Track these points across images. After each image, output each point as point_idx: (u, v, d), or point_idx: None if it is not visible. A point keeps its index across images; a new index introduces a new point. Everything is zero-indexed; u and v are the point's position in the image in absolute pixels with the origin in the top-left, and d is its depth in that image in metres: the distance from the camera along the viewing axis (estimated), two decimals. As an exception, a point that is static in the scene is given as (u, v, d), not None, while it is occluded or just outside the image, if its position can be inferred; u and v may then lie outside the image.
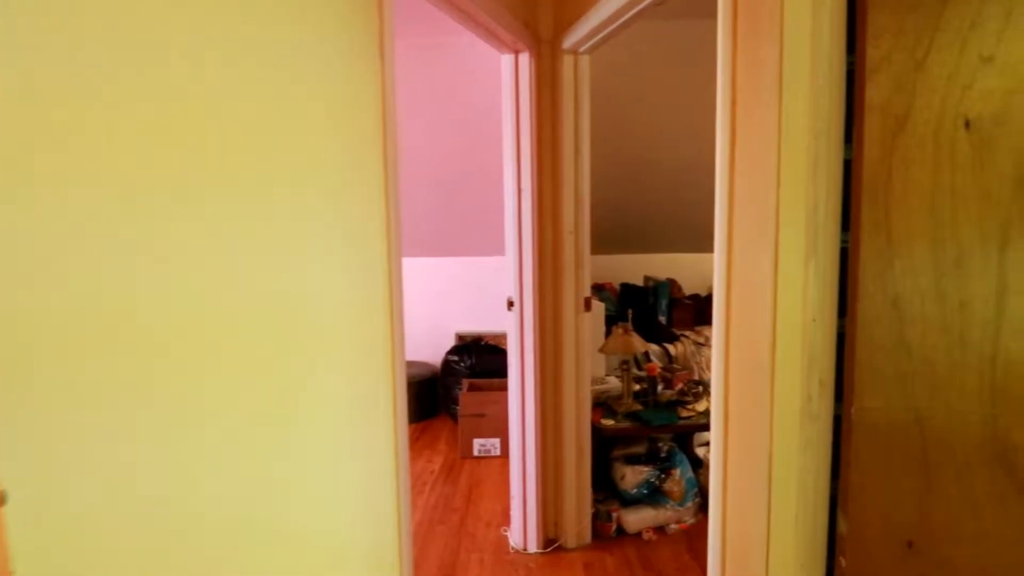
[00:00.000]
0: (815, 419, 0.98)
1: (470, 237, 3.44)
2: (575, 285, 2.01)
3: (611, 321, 2.68)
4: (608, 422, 2.22)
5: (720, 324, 1.19)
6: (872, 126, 0.92)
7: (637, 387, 2.48)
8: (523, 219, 1.94)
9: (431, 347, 3.64)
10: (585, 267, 2.05)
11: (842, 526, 1.01)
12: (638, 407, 2.32)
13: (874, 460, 0.97)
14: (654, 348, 2.90)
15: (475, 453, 2.83)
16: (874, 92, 0.91)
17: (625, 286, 3.63)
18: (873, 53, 0.91)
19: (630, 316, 2.37)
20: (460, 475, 2.65)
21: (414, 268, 3.69)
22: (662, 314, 3.49)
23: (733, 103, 1.16)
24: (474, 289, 3.65)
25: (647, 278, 3.74)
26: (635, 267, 3.87)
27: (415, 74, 2.76)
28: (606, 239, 3.74)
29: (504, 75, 1.93)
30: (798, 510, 1.02)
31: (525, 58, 1.87)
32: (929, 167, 0.92)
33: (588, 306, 2.04)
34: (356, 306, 1.05)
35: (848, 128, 0.96)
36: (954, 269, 0.93)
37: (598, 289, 3.47)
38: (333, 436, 1.00)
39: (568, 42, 1.84)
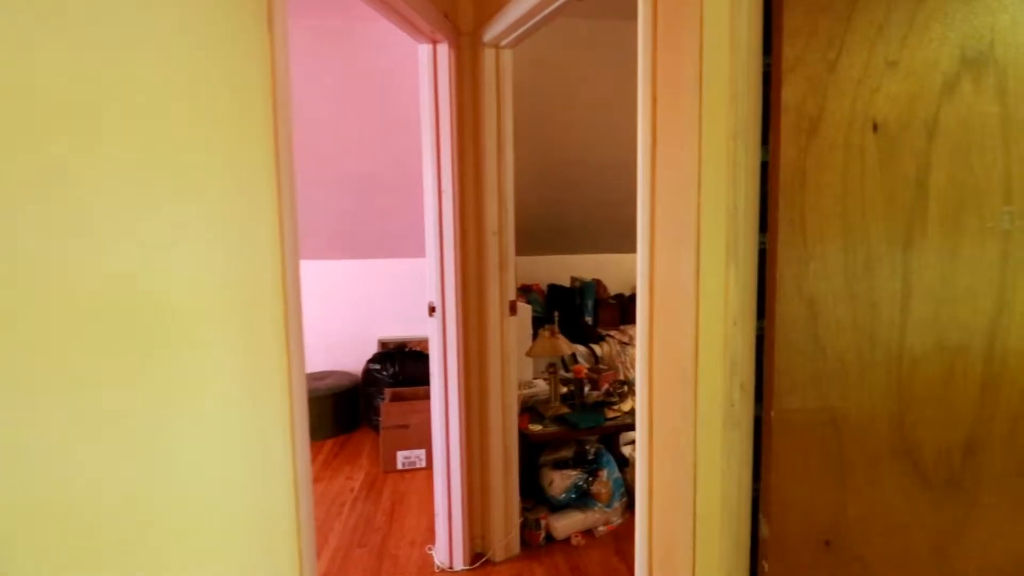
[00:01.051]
0: (737, 425, 0.97)
1: (393, 238, 3.28)
2: (500, 288, 1.94)
3: (538, 323, 2.64)
4: (536, 427, 2.17)
5: (643, 329, 1.16)
6: (788, 127, 0.91)
7: (565, 389, 2.45)
8: (444, 219, 1.84)
9: (354, 355, 3.45)
10: (510, 269, 1.98)
11: (764, 530, 1.00)
12: (566, 410, 2.29)
13: (793, 462, 0.96)
14: (580, 349, 2.90)
15: (399, 466, 2.69)
16: (789, 93, 0.91)
17: (552, 287, 3.62)
18: (788, 52, 0.90)
19: (556, 318, 2.34)
20: (383, 491, 2.50)
21: (333, 272, 3.48)
22: (588, 314, 3.51)
23: (653, 102, 1.13)
24: (398, 293, 3.49)
25: (574, 279, 3.76)
26: (562, 268, 3.87)
27: (332, 64, 2.58)
28: (533, 240, 3.72)
29: (422, 67, 1.83)
30: (722, 515, 1.00)
31: (444, 49, 1.77)
32: (840, 169, 0.92)
33: (513, 309, 1.97)
34: (237, 312, 0.91)
35: (765, 130, 0.95)
36: (864, 270, 0.95)
37: (525, 291, 3.44)
38: (207, 479, 0.86)
39: (489, 35, 1.77)
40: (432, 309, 1.87)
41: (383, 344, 3.41)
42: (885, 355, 0.96)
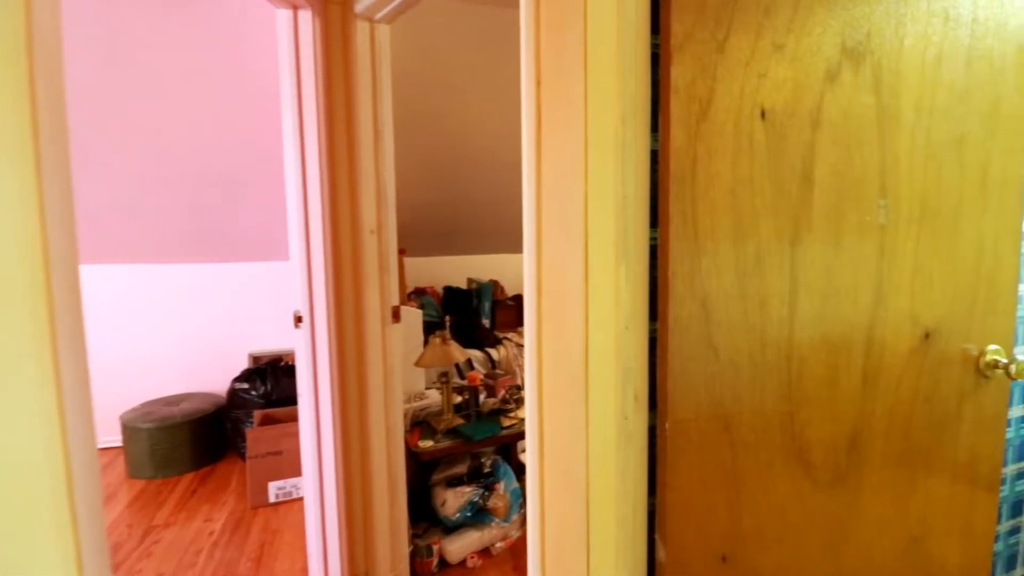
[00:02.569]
0: (631, 439, 0.87)
1: (266, 238, 2.91)
2: (380, 293, 1.73)
3: (432, 328, 2.46)
4: (426, 443, 1.98)
5: (532, 336, 1.03)
6: (678, 111, 0.83)
7: (459, 399, 2.29)
8: (310, 214, 1.60)
9: (219, 373, 3.01)
10: (392, 272, 1.78)
11: (660, 553, 0.91)
12: (460, 421, 2.13)
13: (689, 476, 0.89)
14: (476, 354, 2.76)
15: (272, 499, 2.36)
16: (679, 73, 0.82)
17: (448, 289, 3.45)
18: (677, 29, 0.82)
19: (448, 324, 2.17)
20: (250, 530, 2.16)
21: (191, 278, 3.01)
22: (486, 317, 3.38)
23: (537, 85, 1.00)
24: (272, 300, 3.11)
25: (471, 280, 3.62)
26: (459, 269, 3.72)
27: (174, 32, 2.19)
28: (427, 240, 3.52)
29: (281, 36, 1.57)
30: (618, 542, 0.89)
31: (306, 17, 1.54)
32: (730, 158, 0.86)
33: (397, 316, 1.77)
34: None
35: (655, 116, 0.86)
36: (755, 266, 0.89)
37: (419, 293, 3.23)
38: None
39: (362, 4, 1.56)
40: (298, 319, 1.62)
41: (255, 359, 3.01)
42: (775, 355, 0.92)
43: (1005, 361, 1.08)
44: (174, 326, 2.98)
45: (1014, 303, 1.13)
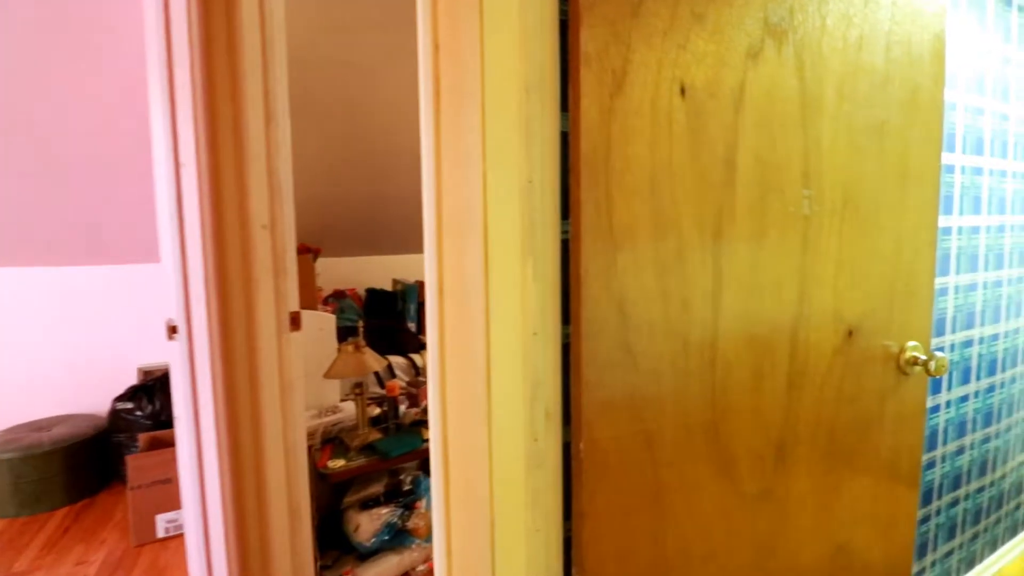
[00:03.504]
0: (542, 463, 0.75)
1: (147, 236, 2.57)
2: (275, 297, 1.52)
3: (353, 334, 2.25)
4: (337, 463, 1.79)
5: (434, 346, 0.89)
6: (589, 83, 0.71)
7: (377, 411, 2.11)
8: (185, 208, 1.37)
9: (102, 391, 2.63)
10: (290, 273, 1.57)
11: (579, 589, 0.80)
12: (377, 436, 1.95)
13: (608, 501, 0.78)
14: (400, 361, 2.58)
15: (160, 533, 2.06)
16: (589, 38, 0.71)
17: (371, 292, 3.23)
18: (585, -13, 0.71)
19: (361, 329, 1.98)
20: (132, 572, 1.87)
21: (65, 283, 2.62)
22: (411, 320, 3.20)
23: (435, 49, 0.87)
24: (161, 308, 2.76)
25: (396, 281, 3.41)
26: (383, 270, 3.50)
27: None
28: (348, 239, 3.28)
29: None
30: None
31: (176, -23, 1.31)
32: (648, 140, 0.76)
33: (297, 323, 1.57)
34: None
35: (565, 92, 0.75)
36: (676, 262, 0.80)
37: (338, 296, 3.00)
38: None
39: (245, -32, 1.35)
40: (172, 330, 1.39)
41: (146, 374, 2.67)
42: (699, 360, 0.83)
43: (924, 358, 1.05)
44: (46, 339, 2.57)
45: (931, 298, 1.11)
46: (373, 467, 1.85)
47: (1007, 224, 1.81)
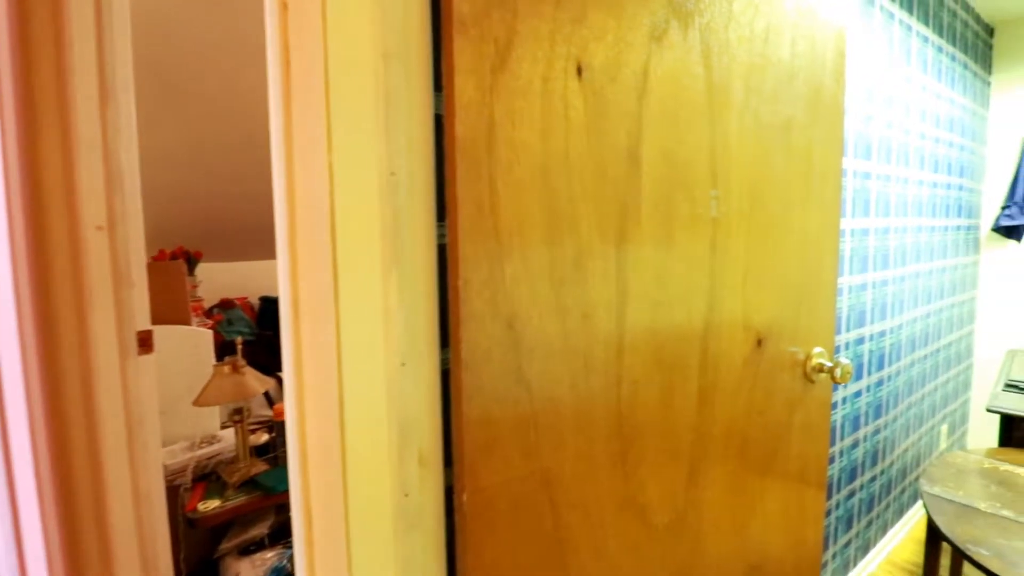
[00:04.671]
0: (417, 523, 0.60)
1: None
2: (117, 314, 1.25)
3: (228, 351, 1.97)
4: (210, 505, 1.54)
5: (290, 380, 0.72)
6: (466, 53, 0.58)
7: (265, 438, 1.86)
8: (-16, 202, 1.09)
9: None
10: (137, 283, 1.30)
11: (469, 663, 0.66)
12: (262, 467, 1.71)
13: (500, 559, 0.65)
14: (297, 376, 2.33)
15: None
16: (464, -1, 0.58)
17: (266, 300, 2.92)
18: (459, -66, 0.58)
19: (240, 347, 1.73)
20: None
21: None
22: (315, 330, 2.92)
23: (283, 7, 0.69)
24: None
25: (297, 288, 3.11)
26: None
27: None
28: (238, 241, 2.95)
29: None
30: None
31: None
32: (540, 126, 0.64)
33: (148, 344, 1.31)
34: None
35: (439, 63, 0.61)
36: (575, 271, 0.68)
37: (225, 307, 2.67)
38: None
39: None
40: (-33, 356, 1.10)
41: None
42: (603, 382, 0.73)
43: (830, 364, 1.03)
44: None
45: (835, 302, 1.09)
46: (255, 505, 1.61)
47: (891, 226, 1.91)
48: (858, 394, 1.81)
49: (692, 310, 0.82)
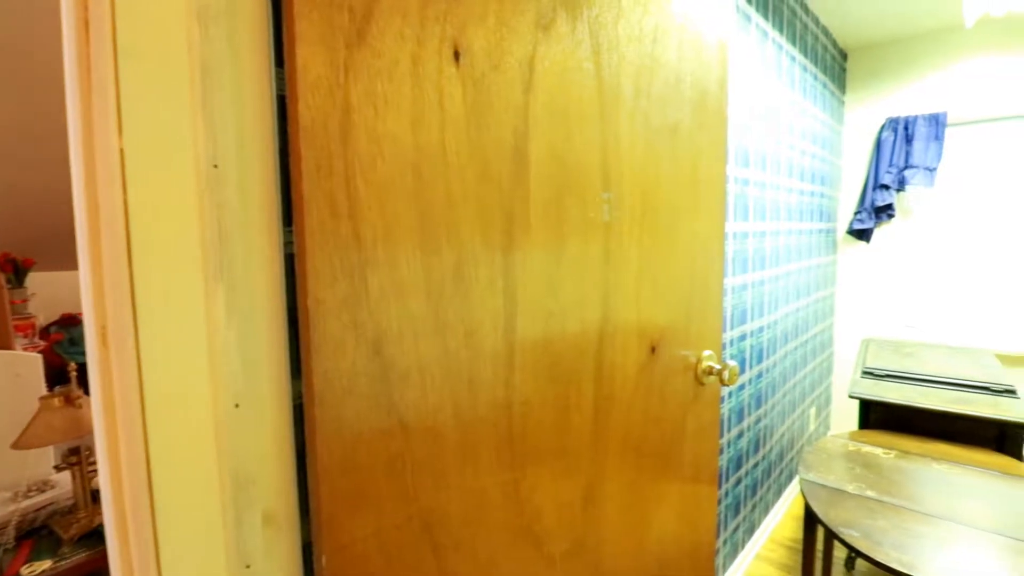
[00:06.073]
0: (260, 600, 0.49)
1: None
2: None
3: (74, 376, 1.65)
4: (40, 567, 1.26)
5: (99, 422, 0.56)
6: (310, 20, 0.48)
7: (114, 474, 1.58)
8: None
9: None
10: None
11: None
12: (109, 511, 1.44)
13: (374, 622, 0.55)
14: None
15: None
16: (310, -45, 0.47)
17: (124, 311, 2.52)
18: None
19: (73, 374, 1.44)
20: None
21: None
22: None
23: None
24: None
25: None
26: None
27: None
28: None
29: None
30: None
31: None
32: (410, 115, 0.55)
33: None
34: None
35: (279, 32, 0.50)
36: (456, 282, 0.60)
37: (67, 324, 2.26)
38: None
39: None
40: None
41: None
42: (492, 406, 0.65)
43: (719, 367, 1.04)
44: None
45: (721, 304, 1.11)
46: (98, 563, 1.35)
47: (767, 230, 2.04)
48: (742, 387, 1.91)
49: (587, 319, 0.77)
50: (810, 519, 1.39)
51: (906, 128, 2.70)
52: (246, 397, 0.47)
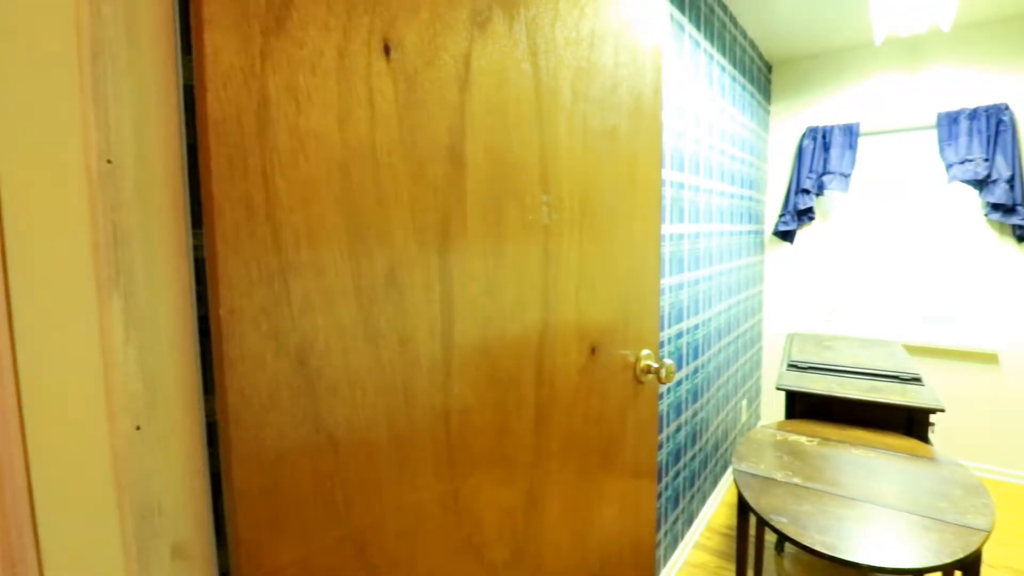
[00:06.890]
0: (169, 642, 0.44)
1: None
2: None
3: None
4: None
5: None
6: (221, 3, 0.44)
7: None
8: None
9: None
10: None
11: None
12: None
13: (302, 652, 0.51)
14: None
15: None
16: (220, -67, 0.43)
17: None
18: None
19: None
20: None
21: None
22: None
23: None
24: None
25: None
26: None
27: None
28: None
29: None
30: None
31: None
32: (336, 110, 0.52)
33: None
34: None
35: (186, 15, 0.45)
36: (388, 288, 0.57)
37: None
38: None
39: None
40: None
41: None
42: (429, 416, 0.63)
43: (656, 366, 1.06)
44: None
45: (658, 304, 1.14)
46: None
47: (701, 231, 2.13)
48: (680, 383, 1.98)
49: (527, 323, 0.76)
50: (743, 507, 1.45)
51: (824, 137, 2.89)
52: (149, 418, 0.42)
